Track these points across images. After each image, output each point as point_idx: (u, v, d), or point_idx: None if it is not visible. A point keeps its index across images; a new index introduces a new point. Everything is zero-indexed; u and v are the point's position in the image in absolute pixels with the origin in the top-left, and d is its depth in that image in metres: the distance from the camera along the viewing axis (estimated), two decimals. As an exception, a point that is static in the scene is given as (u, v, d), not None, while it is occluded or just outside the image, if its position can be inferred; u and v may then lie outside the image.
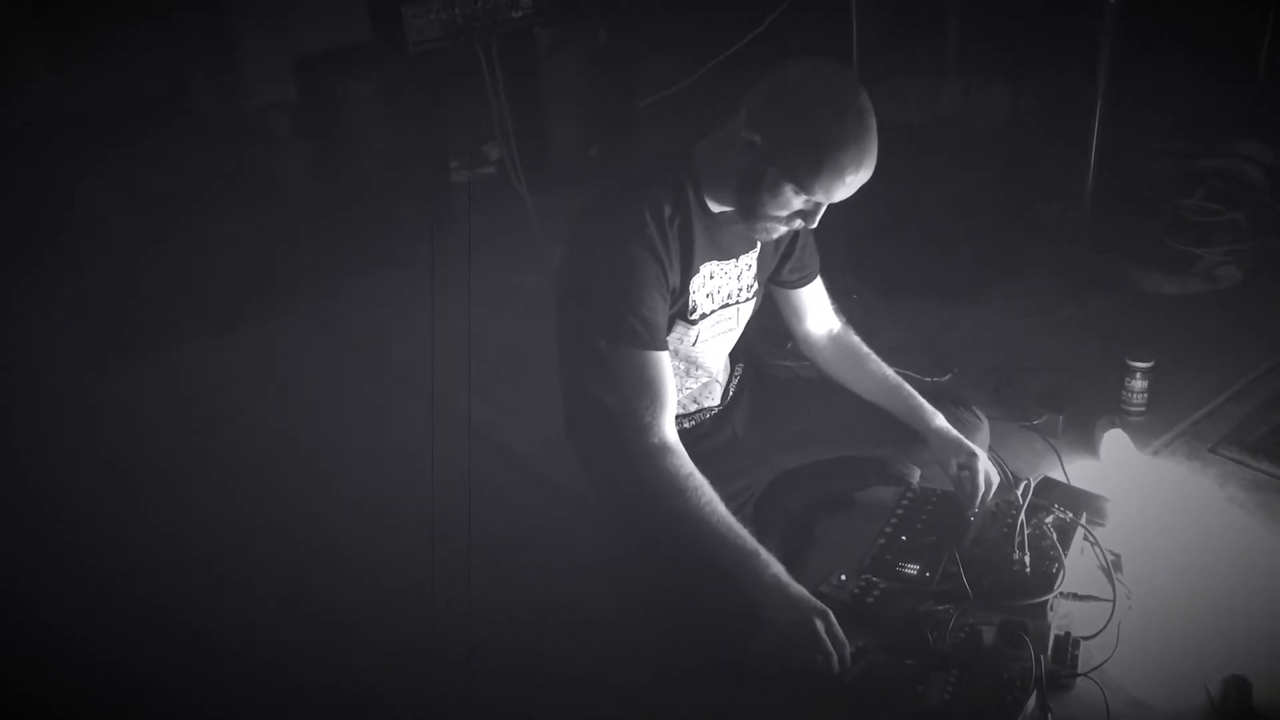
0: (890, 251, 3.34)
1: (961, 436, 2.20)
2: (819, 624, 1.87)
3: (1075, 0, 3.27)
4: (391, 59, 3.45)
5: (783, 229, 1.99)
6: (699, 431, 2.25)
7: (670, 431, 1.98)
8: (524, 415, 2.69)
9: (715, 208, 2.01)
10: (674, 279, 1.98)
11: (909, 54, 4.48)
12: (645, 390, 1.95)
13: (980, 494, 2.16)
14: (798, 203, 1.92)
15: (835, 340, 2.35)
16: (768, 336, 2.51)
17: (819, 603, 1.90)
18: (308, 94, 3.57)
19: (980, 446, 2.32)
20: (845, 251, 3.42)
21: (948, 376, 2.82)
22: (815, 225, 1.99)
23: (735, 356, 2.34)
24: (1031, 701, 1.86)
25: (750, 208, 1.94)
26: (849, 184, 1.88)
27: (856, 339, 2.35)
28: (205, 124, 4.47)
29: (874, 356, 2.32)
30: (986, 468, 2.17)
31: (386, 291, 3.45)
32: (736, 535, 1.92)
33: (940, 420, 2.21)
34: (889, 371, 2.30)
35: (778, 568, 1.92)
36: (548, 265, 3.27)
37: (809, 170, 1.86)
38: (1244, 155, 3.42)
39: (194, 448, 2.80)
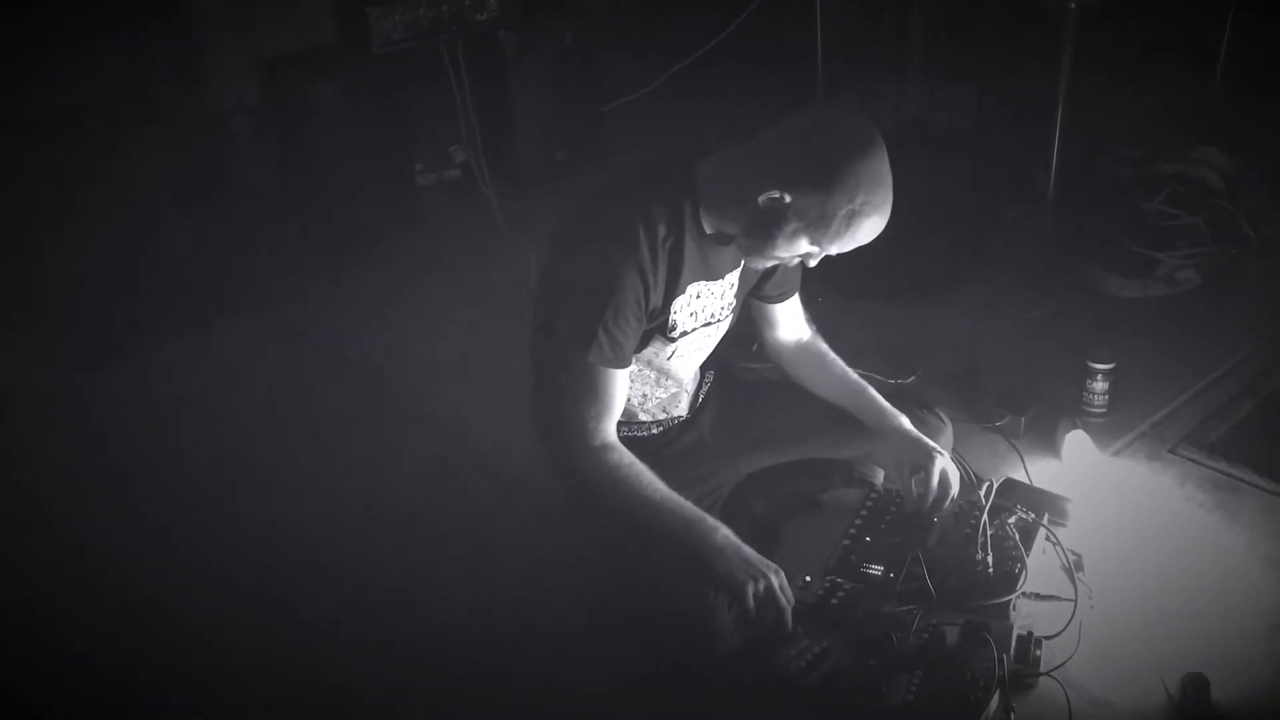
0: (854, 253, 3.34)
1: (924, 439, 2.20)
2: (774, 579, 1.95)
3: (1039, 4, 3.29)
4: (356, 60, 3.44)
5: (787, 263, 2.03)
6: (665, 438, 2.26)
7: (611, 433, 2.05)
8: (487, 416, 2.68)
9: (710, 229, 2.01)
10: (656, 298, 1.99)
11: (874, 57, 4.50)
12: (595, 400, 2.01)
13: (936, 498, 2.15)
14: (808, 250, 1.95)
15: (803, 347, 2.36)
16: (736, 340, 2.51)
17: (770, 562, 1.97)
18: (272, 95, 3.54)
19: (944, 448, 2.34)
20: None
21: (911, 379, 2.84)
22: (813, 265, 2.02)
23: (705, 365, 2.35)
24: (994, 701, 1.87)
25: (758, 247, 1.96)
26: (864, 240, 1.94)
27: (824, 345, 2.36)
28: (167, 125, 4.43)
29: (839, 360, 2.33)
30: (947, 470, 2.17)
31: (351, 292, 3.44)
32: (681, 506, 2.01)
33: (903, 422, 2.22)
34: (853, 375, 2.31)
35: (725, 530, 2.00)
36: (513, 266, 3.28)
37: (836, 235, 1.90)
38: (1203, 160, 3.45)
39: (162, 450, 2.79)
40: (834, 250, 1.95)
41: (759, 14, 4.60)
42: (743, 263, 2.12)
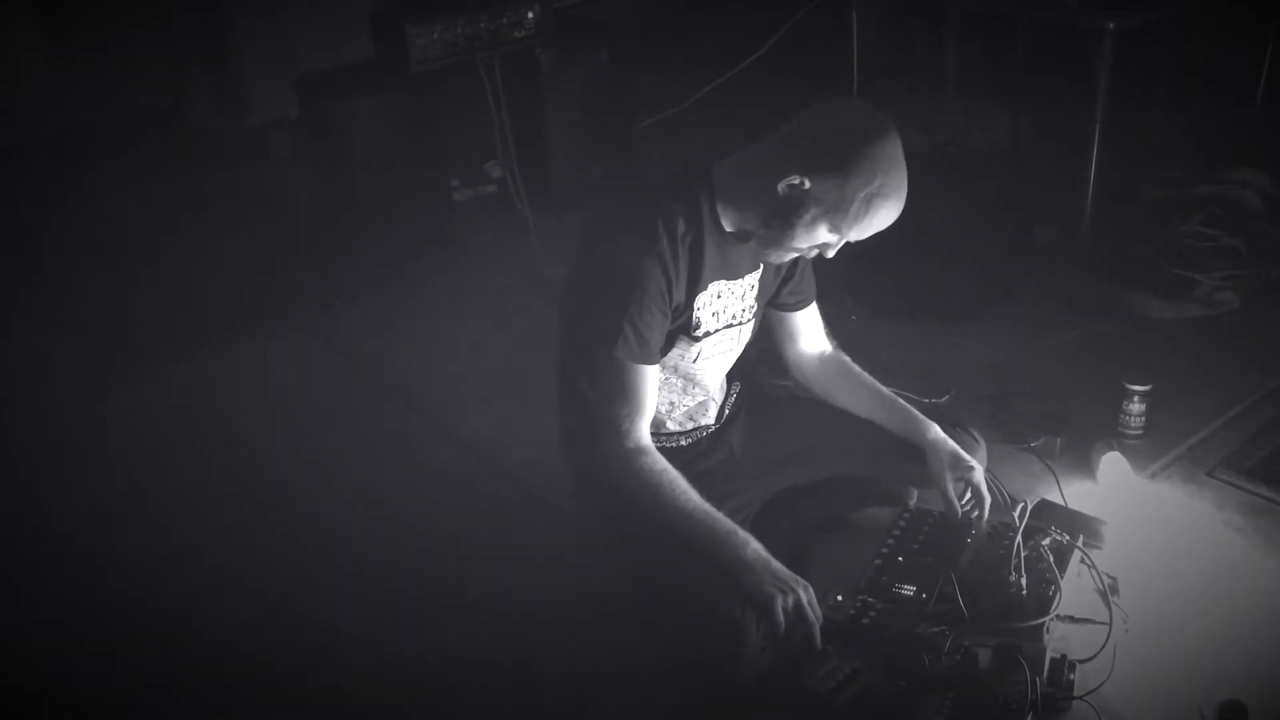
0: (888, 274, 3.34)
1: (959, 449, 2.19)
2: (802, 595, 1.94)
3: (1074, 25, 3.28)
4: (394, 78, 3.47)
5: (796, 255, 2.03)
6: (695, 450, 2.26)
7: (644, 436, 2.03)
8: (522, 434, 2.68)
9: (729, 227, 2.03)
10: (679, 295, 2.00)
11: (908, 78, 4.50)
12: (627, 398, 2.00)
13: (978, 510, 2.16)
14: (827, 238, 1.96)
15: (825, 362, 2.36)
16: (765, 358, 2.51)
17: (799, 578, 1.96)
18: (310, 112, 3.58)
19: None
20: (843, 273, 3.42)
21: (945, 398, 2.82)
22: (830, 256, 2.03)
23: (731, 376, 2.35)
24: (1027, 724, 1.85)
25: (777, 238, 1.97)
26: (882, 226, 1.95)
27: (846, 358, 2.36)
28: (205, 138, 4.49)
29: (864, 373, 2.33)
30: (982, 483, 2.17)
31: (386, 309, 3.46)
32: (714, 518, 1.99)
33: (936, 432, 2.21)
34: (881, 387, 2.30)
35: (756, 544, 1.98)
36: (548, 284, 3.29)
37: (854, 220, 1.91)
38: (1242, 182, 3.43)
39: (193, 465, 2.81)
40: (853, 236, 1.96)
41: (795, 31, 4.62)
42: (761, 266, 2.13)
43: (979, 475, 2.16)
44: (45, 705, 2.15)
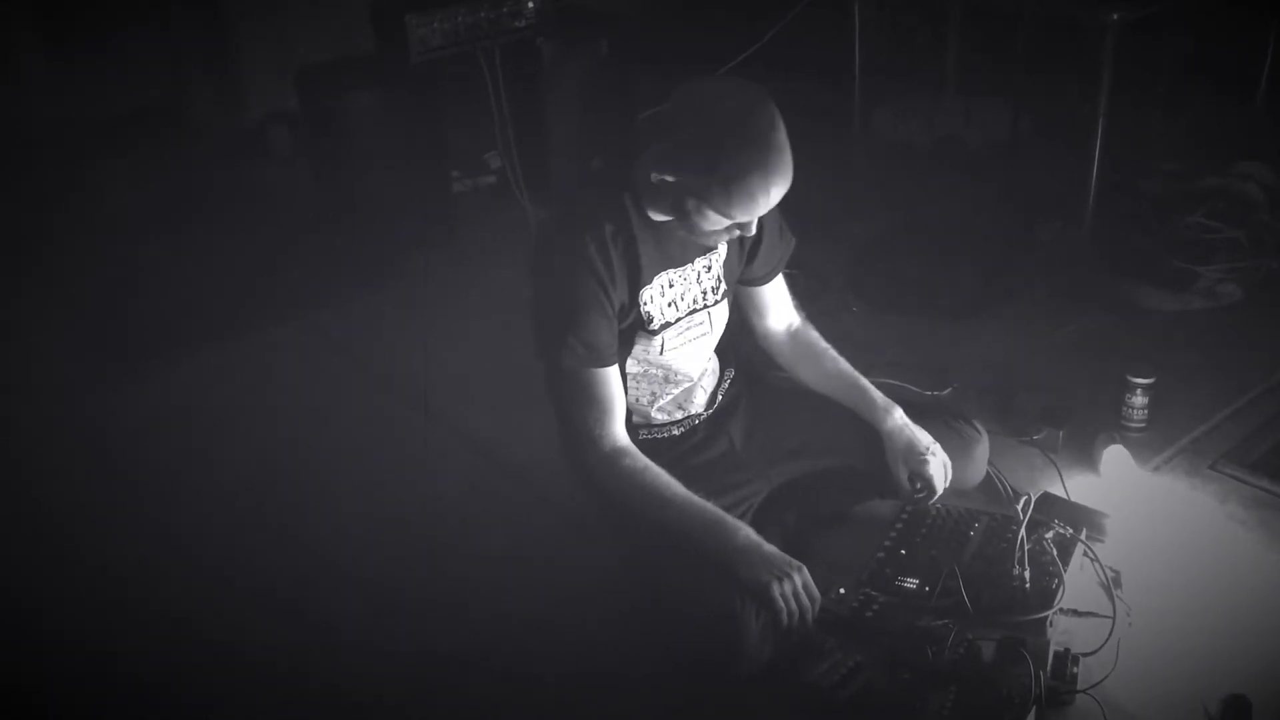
0: (891, 268, 3.34)
1: (918, 437, 2.19)
2: (797, 578, 1.94)
3: (1075, 22, 3.27)
4: (394, 69, 3.46)
5: (727, 237, 2.03)
6: (690, 440, 2.26)
7: (620, 437, 2.07)
8: (524, 432, 2.67)
9: (658, 218, 2.04)
10: (620, 296, 2.04)
11: (910, 73, 4.49)
12: (592, 405, 2.05)
13: (927, 496, 2.17)
14: (727, 223, 1.95)
15: (794, 336, 2.37)
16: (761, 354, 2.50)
17: (793, 559, 1.97)
18: (309, 103, 3.57)
19: (980, 458, 2.32)
20: (846, 267, 3.42)
21: (948, 391, 2.82)
22: (754, 233, 2.01)
23: (725, 360, 2.34)
24: (1030, 718, 1.84)
25: (686, 225, 1.99)
26: (765, 203, 1.91)
27: (815, 334, 2.36)
28: (205, 135, 4.48)
29: (832, 352, 2.33)
30: (940, 468, 2.17)
31: (387, 303, 3.45)
32: (702, 508, 2.01)
33: (895, 420, 2.21)
34: (846, 367, 2.30)
35: (747, 530, 2.00)
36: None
37: (723, 202, 1.90)
38: (1244, 174, 3.42)
39: (194, 459, 2.80)
40: (742, 218, 1.93)
41: (796, 27, 4.60)
42: (721, 246, 2.14)
43: (932, 467, 2.16)
44: (45, 705, 2.13)
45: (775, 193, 1.90)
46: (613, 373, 2.06)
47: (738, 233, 2.00)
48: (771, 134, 1.87)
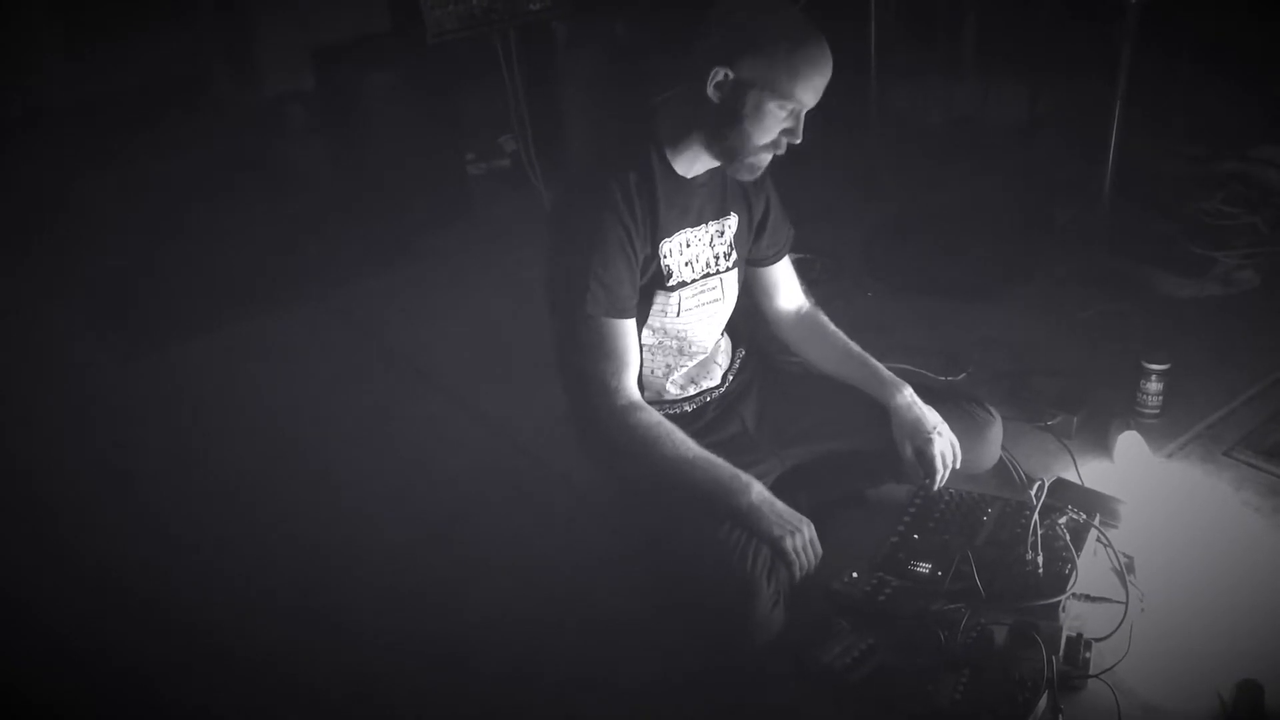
0: (905, 252, 3.33)
1: (925, 415, 2.19)
2: (806, 531, 1.97)
3: (1094, 4, 3.25)
4: (410, 50, 3.45)
5: (768, 157, 2.03)
6: (703, 418, 2.26)
7: (634, 392, 2.07)
8: (537, 409, 2.68)
9: (684, 171, 2.05)
10: (643, 245, 2.04)
11: (927, 56, 4.47)
12: (609, 355, 2.03)
13: (934, 477, 2.16)
14: (781, 119, 1.96)
15: (804, 318, 2.38)
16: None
17: (801, 515, 1.99)
18: (326, 84, 3.57)
19: (993, 441, 2.32)
20: (861, 250, 3.41)
21: (962, 375, 2.81)
22: (800, 140, 2.01)
23: (736, 339, 2.35)
24: (1043, 702, 1.85)
25: (735, 146, 1.99)
26: (821, 80, 1.95)
27: (824, 317, 2.37)
28: (222, 113, 4.49)
29: (840, 333, 2.34)
30: (947, 448, 2.17)
31: (401, 282, 3.46)
32: (715, 464, 2.02)
33: (903, 398, 2.21)
34: (854, 347, 2.31)
35: (759, 486, 2.01)
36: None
37: (789, 75, 1.92)
38: (1263, 159, 3.40)
39: (208, 436, 2.81)
40: (807, 97, 1.95)
41: (812, 7, 4.57)
42: (732, 214, 2.16)
43: (937, 446, 2.15)
44: (45, 705, 2.12)
45: (828, 69, 1.94)
46: (630, 327, 2.05)
47: (784, 144, 2.00)
48: (806, 19, 1.95)
